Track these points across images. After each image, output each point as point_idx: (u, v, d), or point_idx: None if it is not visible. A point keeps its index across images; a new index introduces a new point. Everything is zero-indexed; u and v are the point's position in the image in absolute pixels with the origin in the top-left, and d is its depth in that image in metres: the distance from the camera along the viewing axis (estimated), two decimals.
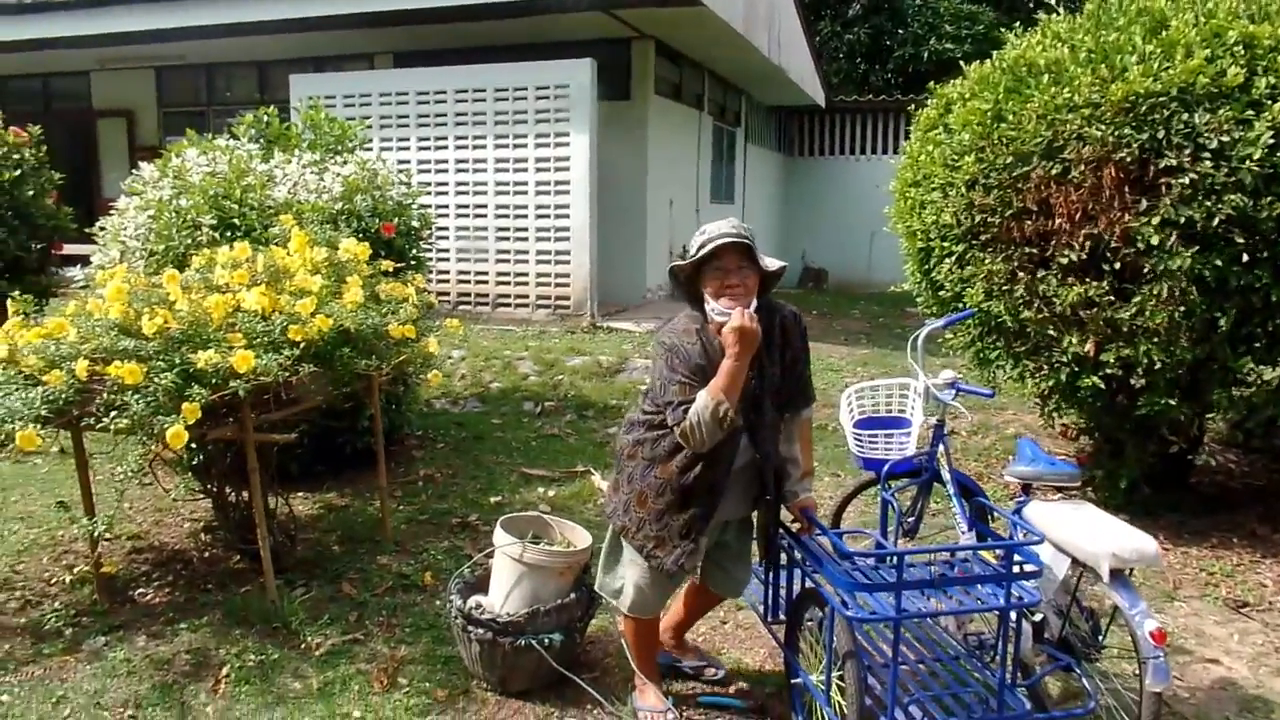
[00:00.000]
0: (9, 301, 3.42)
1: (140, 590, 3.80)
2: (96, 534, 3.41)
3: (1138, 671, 2.56)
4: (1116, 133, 3.71)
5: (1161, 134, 3.66)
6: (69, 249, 7.56)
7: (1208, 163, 3.58)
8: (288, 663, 3.23)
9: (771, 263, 2.59)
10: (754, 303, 2.55)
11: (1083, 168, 3.81)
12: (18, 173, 6.56)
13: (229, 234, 4.44)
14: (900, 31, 18.35)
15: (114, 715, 2.92)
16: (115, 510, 3.61)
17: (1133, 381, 3.97)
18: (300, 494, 4.86)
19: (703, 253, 2.52)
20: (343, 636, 3.40)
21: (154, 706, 2.98)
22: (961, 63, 4.91)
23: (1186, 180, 3.61)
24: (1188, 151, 3.62)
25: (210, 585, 3.84)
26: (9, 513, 4.69)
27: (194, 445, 4.02)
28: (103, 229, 4.91)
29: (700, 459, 2.59)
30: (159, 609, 3.63)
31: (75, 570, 3.92)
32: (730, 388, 2.44)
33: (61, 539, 4.33)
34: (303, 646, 3.33)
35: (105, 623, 3.50)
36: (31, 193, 6.69)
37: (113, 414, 2.94)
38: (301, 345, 3.26)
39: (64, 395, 2.98)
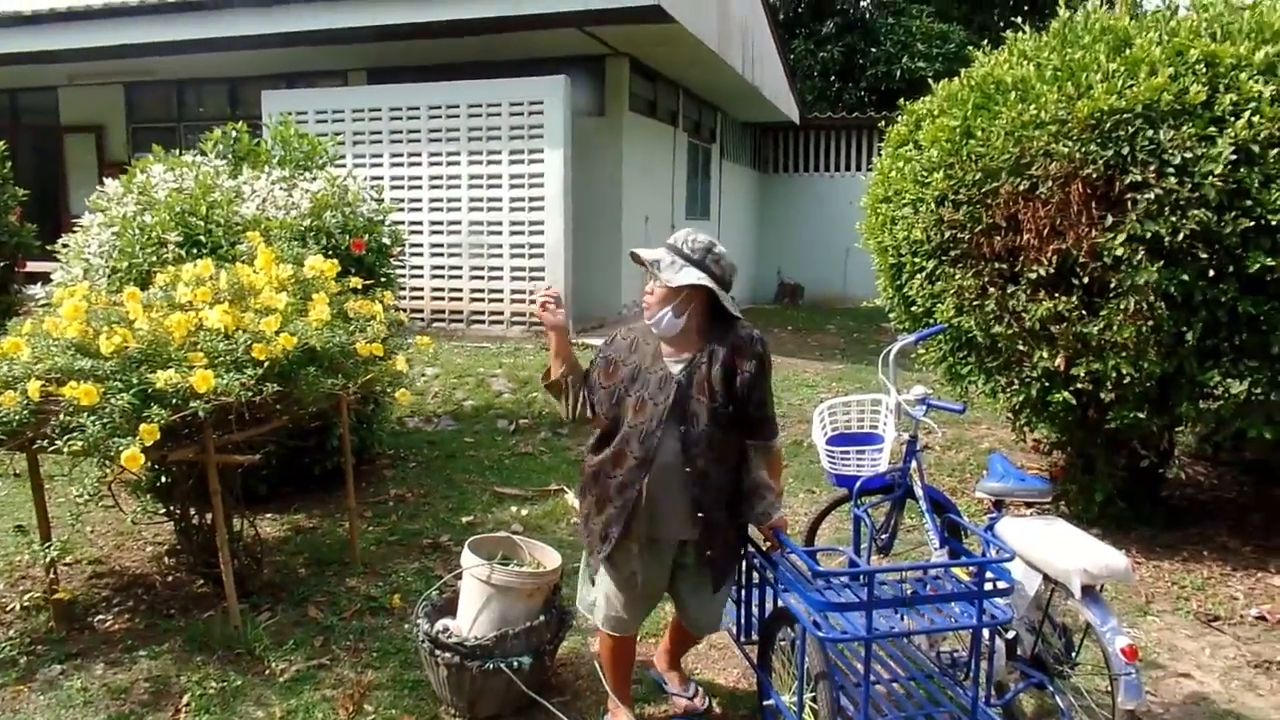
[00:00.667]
0: None
1: (99, 616, 3.70)
2: (50, 559, 3.31)
3: (1110, 689, 2.54)
4: (1083, 149, 3.75)
5: (1126, 150, 3.69)
6: (33, 266, 7.42)
7: (1172, 179, 3.61)
8: (251, 690, 3.15)
9: (682, 277, 2.56)
10: (668, 314, 2.59)
11: (1050, 184, 3.84)
12: None
13: (195, 251, 4.37)
14: (873, 50, 18.54)
15: None
16: (72, 534, 3.52)
17: (1102, 395, 3.99)
18: (268, 515, 4.77)
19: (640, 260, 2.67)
20: (308, 662, 3.33)
21: None
22: (932, 81, 4.95)
23: (1152, 196, 3.65)
24: (1152, 168, 3.65)
25: (172, 610, 3.75)
26: None
27: (156, 467, 3.95)
28: (65, 246, 4.82)
29: (610, 450, 2.67)
30: (118, 636, 3.54)
31: (29, 596, 3.81)
32: (552, 352, 2.86)
33: (19, 564, 4.21)
34: (266, 673, 3.25)
35: (61, 650, 3.40)
36: None
37: (68, 436, 2.86)
38: (265, 364, 3.19)
39: (17, 417, 2.90)
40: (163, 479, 4.04)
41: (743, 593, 3.00)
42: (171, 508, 3.94)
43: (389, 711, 3.04)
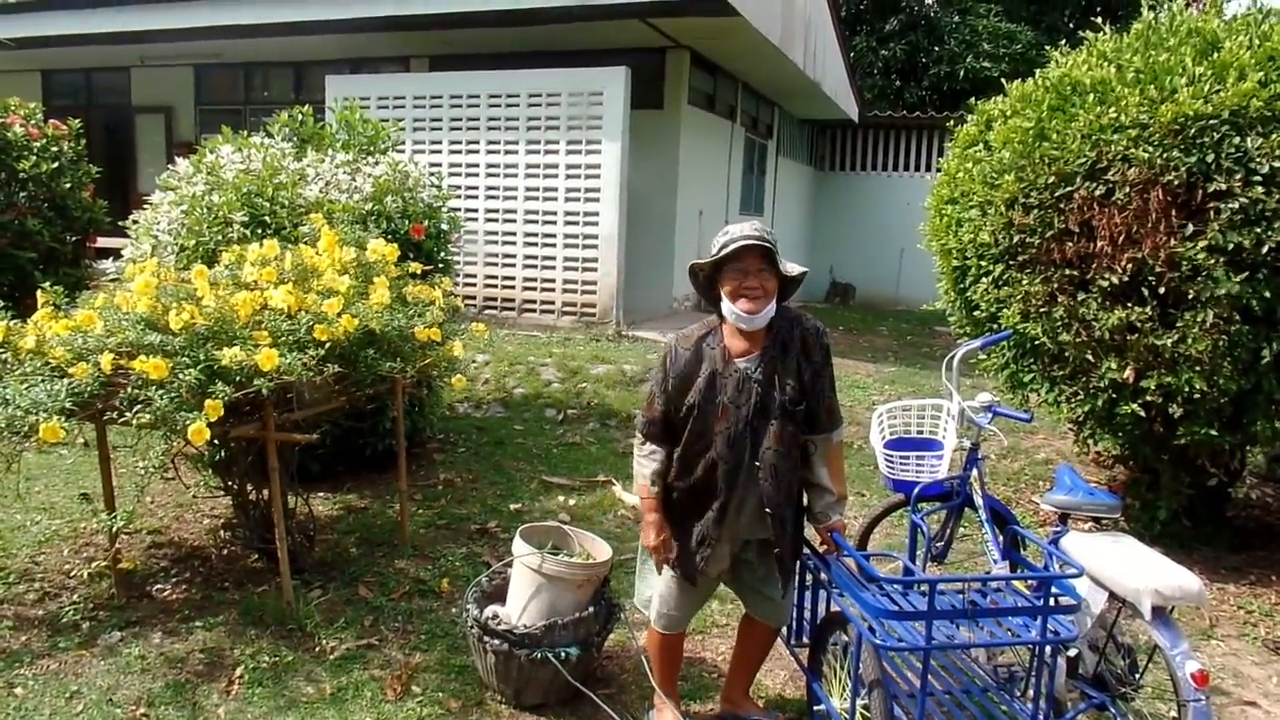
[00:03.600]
0: (39, 292, 3.43)
1: (158, 586, 3.79)
2: (116, 529, 3.39)
3: (1176, 714, 2.46)
4: (1164, 155, 3.62)
5: (1211, 157, 3.56)
6: (103, 242, 7.64)
7: (1259, 188, 3.47)
8: (301, 666, 3.20)
9: (792, 268, 2.57)
10: (772, 306, 2.53)
11: (1128, 189, 3.71)
12: (55, 165, 6.64)
13: (259, 231, 4.44)
14: (936, 49, 18.21)
15: (126, 713, 2.90)
16: (136, 505, 3.59)
17: (1172, 410, 3.85)
18: (320, 494, 4.84)
19: (724, 252, 2.50)
20: (357, 641, 3.37)
21: (166, 705, 2.95)
22: (1003, 81, 4.82)
23: (1236, 205, 3.51)
24: (1238, 176, 3.52)
25: (227, 584, 3.83)
26: (32, 503, 4.71)
27: (216, 442, 4.01)
28: (135, 223, 4.93)
29: (694, 466, 2.60)
30: (175, 606, 3.62)
31: (94, 564, 3.91)
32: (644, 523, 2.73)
33: (83, 531, 4.33)
34: (317, 650, 3.29)
35: (122, 618, 3.49)
36: (69, 185, 6.77)
37: (136, 408, 2.92)
38: (327, 345, 3.23)
39: (89, 388, 2.97)
40: (222, 454, 4.12)
41: (795, 595, 2.95)
42: (230, 483, 4.02)
43: (435, 694, 3.06)
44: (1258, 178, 3.49)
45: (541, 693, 2.98)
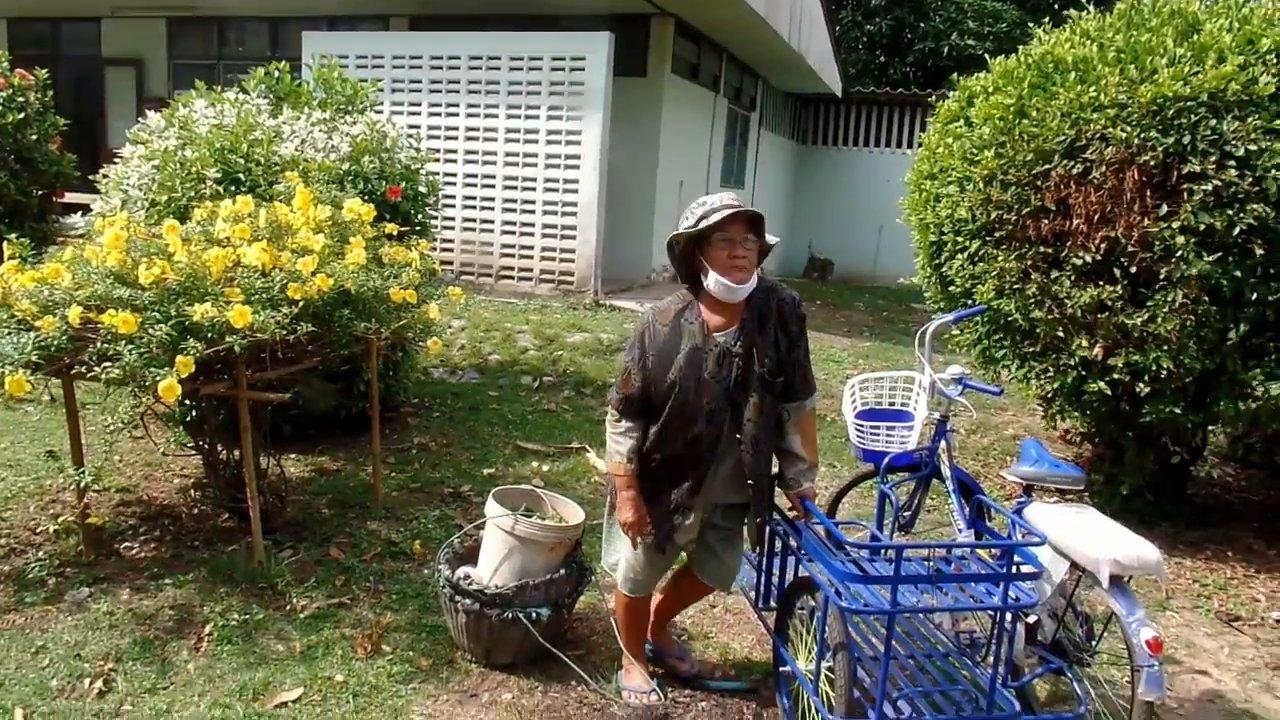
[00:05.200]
0: (4, 244, 3.36)
1: (126, 544, 3.77)
2: (83, 484, 3.36)
3: (1129, 679, 2.53)
4: (1142, 135, 3.65)
5: (1188, 139, 3.59)
6: (71, 197, 7.48)
7: (1233, 171, 3.52)
8: (271, 624, 3.20)
9: (770, 238, 2.59)
10: (756, 277, 2.53)
11: (1104, 169, 3.75)
12: (21, 116, 6.48)
13: (233, 188, 4.37)
14: (922, 25, 18.16)
15: (93, 667, 2.89)
16: (104, 461, 3.57)
17: (1139, 388, 3.92)
18: (292, 455, 4.82)
19: (709, 221, 2.48)
20: (328, 600, 3.37)
21: (134, 661, 2.95)
22: (987, 58, 4.82)
23: (1209, 187, 3.55)
24: (1213, 158, 3.56)
25: (197, 542, 3.81)
26: None
27: (187, 400, 3.98)
28: (105, 177, 4.84)
29: (674, 440, 2.60)
30: (144, 563, 3.60)
31: (60, 520, 3.88)
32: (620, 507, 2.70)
33: (49, 489, 4.29)
34: (287, 608, 3.30)
35: (89, 574, 3.47)
36: (35, 137, 6.62)
37: (105, 364, 2.89)
38: (300, 304, 3.20)
39: (56, 342, 2.92)
40: (193, 413, 4.08)
41: (763, 560, 2.99)
42: (200, 442, 3.99)
43: (406, 653, 3.07)
44: (1232, 161, 3.53)
45: (512, 652, 3.01)
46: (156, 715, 2.69)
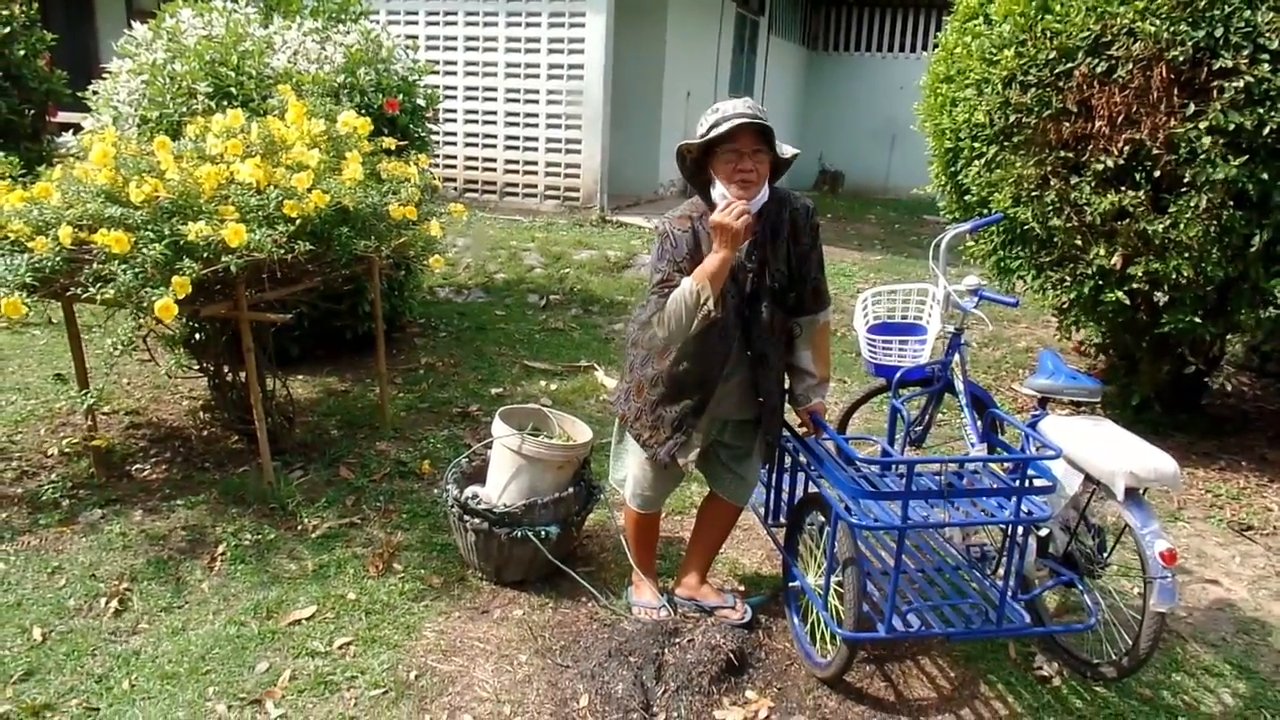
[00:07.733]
0: None
1: (137, 466, 3.78)
2: (88, 406, 3.35)
3: (1140, 590, 2.52)
4: (1171, 29, 3.46)
5: (1220, 32, 3.41)
6: (64, 116, 7.28)
7: (1266, 66, 3.34)
8: (283, 544, 3.22)
9: (786, 149, 2.44)
10: (765, 191, 2.41)
11: (1131, 66, 3.57)
12: (6, 30, 6.26)
13: (225, 102, 4.23)
14: None
15: (109, 587, 2.92)
16: (106, 384, 3.54)
17: (1157, 298, 3.83)
18: (300, 376, 4.80)
19: (717, 131, 2.34)
20: (339, 520, 3.39)
21: (149, 580, 2.98)
22: None
23: (1240, 84, 3.39)
24: (1246, 53, 3.38)
25: (207, 464, 3.82)
26: (6, 383, 4.65)
27: (190, 322, 3.94)
28: (95, 94, 4.69)
29: (691, 352, 2.50)
30: (155, 485, 3.62)
31: (68, 442, 3.88)
32: (714, 276, 2.34)
33: (59, 411, 4.29)
34: (299, 528, 3.32)
35: (102, 496, 3.49)
36: (22, 53, 6.40)
37: (100, 285, 2.83)
38: (297, 222, 3.11)
39: (50, 263, 2.86)
40: (197, 335, 4.05)
41: (773, 476, 2.97)
42: (205, 364, 3.96)
43: (417, 571, 3.10)
44: (1265, 55, 3.35)
45: (522, 570, 3.02)
46: (173, 633, 2.72)
